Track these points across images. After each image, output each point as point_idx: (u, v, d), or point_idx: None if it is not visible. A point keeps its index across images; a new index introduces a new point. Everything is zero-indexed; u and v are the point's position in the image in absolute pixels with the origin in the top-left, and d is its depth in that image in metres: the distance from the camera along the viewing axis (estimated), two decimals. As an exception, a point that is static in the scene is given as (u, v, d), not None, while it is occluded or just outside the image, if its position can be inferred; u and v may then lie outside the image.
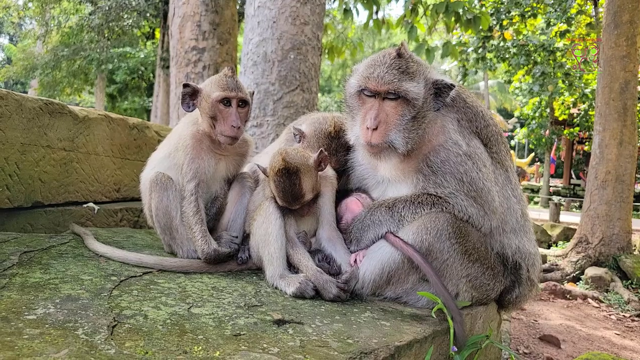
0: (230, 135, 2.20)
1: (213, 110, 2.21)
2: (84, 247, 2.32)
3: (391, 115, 2.02)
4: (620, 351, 4.59)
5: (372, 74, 2.01)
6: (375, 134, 2.00)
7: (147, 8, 16.75)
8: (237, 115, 2.21)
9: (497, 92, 33.52)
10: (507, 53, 16.65)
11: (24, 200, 2.82)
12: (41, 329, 1.39)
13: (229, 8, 6.87)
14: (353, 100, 2.12)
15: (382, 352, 1.53)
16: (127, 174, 3.64)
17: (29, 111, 2.80)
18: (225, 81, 2.23)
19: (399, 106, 2.01)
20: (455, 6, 6.70)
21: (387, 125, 2.01)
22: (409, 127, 2.01)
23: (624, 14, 7.37)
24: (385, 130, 2.01)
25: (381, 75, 1.99)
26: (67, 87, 22.07)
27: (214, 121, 2.23)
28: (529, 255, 2.19)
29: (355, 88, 2.08)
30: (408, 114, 2.01)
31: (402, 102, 2.01)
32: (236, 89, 2.22)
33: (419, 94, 2.00)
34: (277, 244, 2.03)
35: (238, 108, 2.23)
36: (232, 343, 1.46)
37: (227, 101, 2.21)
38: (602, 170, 7.59)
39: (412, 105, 2.00)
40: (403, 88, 1.98)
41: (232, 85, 2.22)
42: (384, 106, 2.02)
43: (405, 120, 2.01)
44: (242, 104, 2.26)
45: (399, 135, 2.01)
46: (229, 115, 2.20)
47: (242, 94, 2.23)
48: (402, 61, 2.02)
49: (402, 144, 2.01)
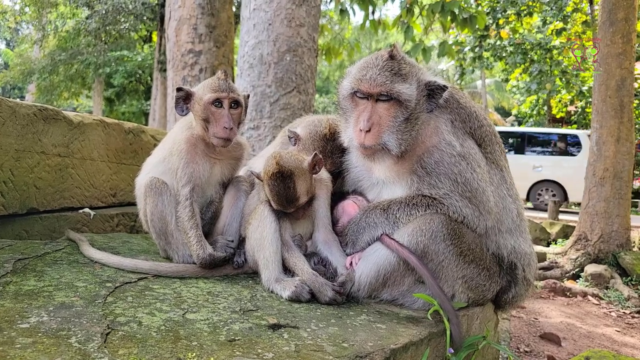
0: (223, 136, 2.19)
1: (205, 113, 2.21)
2: (79, 253, 2.31)
3: (384, 117, 2.01)
4: (621, 348, 4.59)
5: (364, 76, 2.01)
6: (368, 136, 2.00)
7: (143, 11, 16.76)
8: (229, 116, 2.19)
9: (495, 90, 33.52)
10: (504, 52, 16.68)
11: (19, 207, 2.81)
12: (34, 337, 1.38)
13: (225, 11, 6.87)
14: (346, 103, 2.12)
15: (378, 356, 1.52)
16: (123, 178, 3.63)
17: (23, 117, 2.79)
18: (217, 83, 2.22)
19: (391, 108, 2.01)
20: (451, 5, 6.70)
21: (380, 127, 2.01)
22: (402, 129, 2.01)
23: (619, 12, 7.38)
24: (379, 132, 2.01)
25: (373, 77, 1.99)
26: (64, 92, 22.08)
27: (207, 123, 2.22)
28: (525, 255, 2.18)
29: (348, 90, 2.08)
30: (401, 116, 2.00)
31: (395, 104, 2.00)
32: (227, 90, 2.21)
33: (411, 95, 2.00)
34: (272, 247, 2.03)
35: (230, 109, 2.22)
36: (227, 349, 1.45)
37: (218, 103, 2.20)
38: (600, 168, 7.59)
39: (405, 107, 2.00)
40: (395, 90, 1.97)
41: (224, 86, 2.21)
42: (377, 108, 2.02)
43: (398, 122, 2.01)
44: (234, 105, 2.25)
45: (392, 137, 2.00)
46: (221, 116, 2.19)
47: (233, 95, 2.22)
48: (394, 63, 2.02)
49: (396, 145, 2.01)
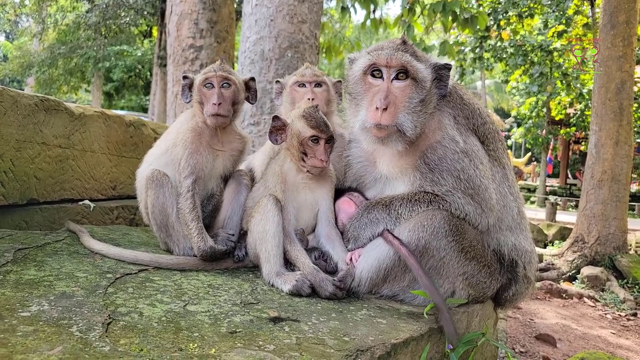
0: (212, 112, 2.26)
1: (199, 95, 2.32)
2: (79, 244, 2.31)
3: (400, 97, 2.00)
4: (616, 350, 4.61)
5: (381, 53, 2.01)
6: (385, 115, 1.96)
7: (144, 6, 16.70)
8: (218, 94, 2.28)
9: (494, 91, 33.60)
10: (505, 53, 16.69)
11: (19, 198, 2.80)
12: (35, 326, 1.38)
13: (227, 6, 6.84)
14: (358, 86, 2.10)
15: (379, 350, 1.53)
16: (123, 171, 3.62)
17: (25, 108, 2.78)
18: (210, 67, 2.35)
19: (407, 88, 2.00)
20: (453, 5, 6.70)
21: (396, 107, 1.99)
22: (417, 110, 2.00)
23: (621, 15, 7.39)
24: (395, 112, 1.98)
25: (390, 52, 2.00)
26: (63, 85, 22.00)
27: (202, 105, 2.32)
28: (526, 253, 2.19)
29: (362, 69, 2.06)
30: (417, 97, 2.00)
31: (411, 84, 2.00)
32: (216, 70, 2.32)
33: (427, 76, 2.02)
34: (274, 241, 2.03)
35: (222, 89, 2.31)
36: (228, 340, 1.45)
37: (209, 83, 2.31)
38: (598, 170, 7.62)
39: (421, 87, 2.00)
40: (414, 65, 1.99)
41: (215, 67, 2.34)
42: (392, 88, 2.01)
43: (414, 103, 2.00)
44: (225, 85, 2.32)
45: (407, 118, 1.99)
46: (211, 95, 2.29)
47: (222, 73, 2.31)
48: (407, 46, 2.06)
49: (411, 127, 1.99)
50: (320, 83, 2.56)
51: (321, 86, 2.57)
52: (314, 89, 2.54)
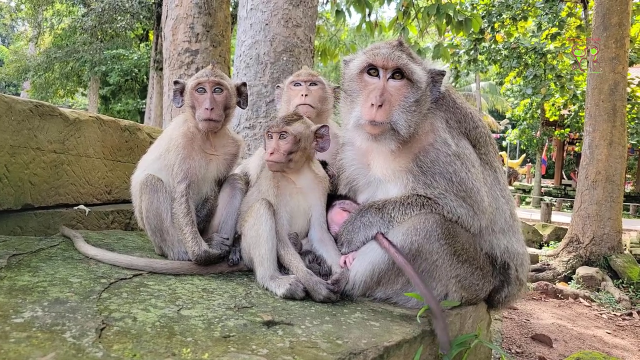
0: (205, 117, 2.25)
1: (191, 99, 2.32)
2: (73, 249, 2.31)
3: (395, 95, 2.04)
4: (612, 350, 4.63)
5: (378, 53, 2.05)
6: (379, 112, 1.99)
7: (140, 10, 16.71)
8: (211, 98, 2.28)
9: (489, 93, 33.78)
10: (499, 55, 16.80)
11: (14, 203, 2.80)
12: (28, 332, 1.38)
13: (222, 10, 6.86)
14: (354, 84, 2.12)
15: (371, 353, 1.54)
16: (118, 176, 3.62)
17: (19, 113, 2.78)
18: (201, 72, 2.35)
19: (403, 88, 2.04)
20: (447, 8, 6.74)
21: (391, 105, 2.02)
22: (411, 110, 2.03)
23: (613, 17, 7.47)
24: (390, 109, 2.02)
25: (387, 53, 2.03)
26: (59, 89, 21.96)
27: (194, 110, 2.31)
28: (518, 255, 2.20)
29: (359, 67, 2.09)
30: (412, 97, 2.03)
31: (407, 84, 2.04)
32: (209, 75, 2.31)
33: (422, 77, 2.05)
34: (268, 245, 2.04)
35: (214, 94, 2.30)
36: (221, 345, 1.46)
37: (201, 88, 2.30)
38: (593, 171, 7.67)
39: (416, 88, 2.04)
40: (410, 67, 2.02)
41: (207, 72, 2.33)
42: (388, 87, 2.04)
43: (409, 103, 2.03)
44: (217, 90, 2.32)
45: (402, 117, 2.02)
46: (203, 100, 2.28)
47: (214, 78, 2.31)
48: (404, 47, 2.10)
49: (405, 126, 2.02)
50: (316, 82, 2.63)
51: (316, 85, 2.62)
52: (308, 87, 2.60)
